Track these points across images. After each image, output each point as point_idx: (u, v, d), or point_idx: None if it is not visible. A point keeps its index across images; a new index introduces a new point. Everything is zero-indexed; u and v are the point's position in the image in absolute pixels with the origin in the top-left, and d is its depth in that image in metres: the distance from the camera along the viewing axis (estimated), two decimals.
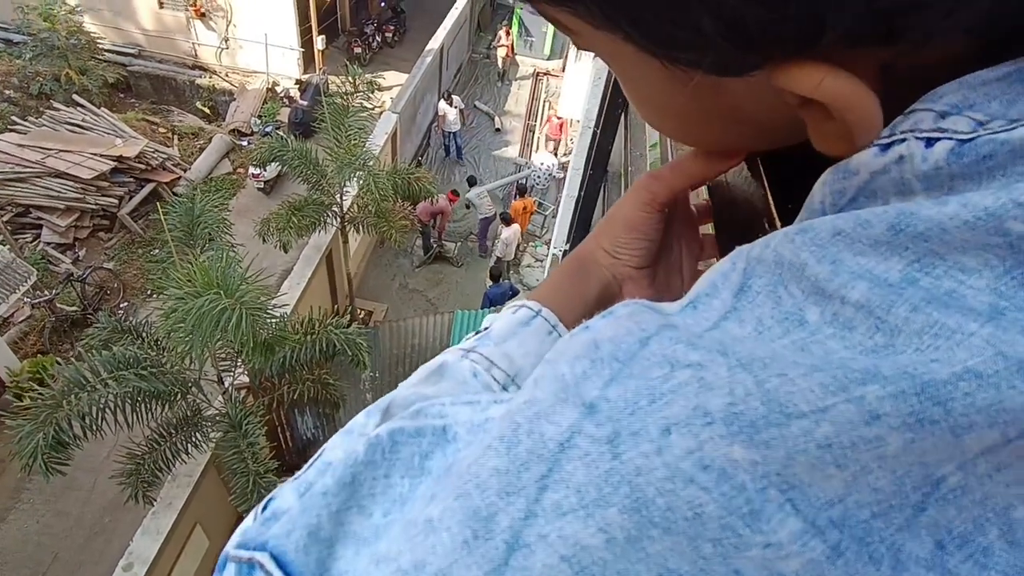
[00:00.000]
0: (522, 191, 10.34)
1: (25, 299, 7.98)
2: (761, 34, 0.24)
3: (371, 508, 0.30)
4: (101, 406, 4.69)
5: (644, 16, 0.26)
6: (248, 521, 0.33)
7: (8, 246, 8.15)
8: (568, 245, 4.54)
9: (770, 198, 0.38)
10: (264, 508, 0.33)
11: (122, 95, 12.36)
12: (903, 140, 0.24)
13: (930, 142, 0.23)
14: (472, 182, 10.18)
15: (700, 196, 0.53)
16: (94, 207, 9.54)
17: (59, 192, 9.34)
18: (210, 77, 12.60)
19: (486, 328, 0.45)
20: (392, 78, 12.68)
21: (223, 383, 5.68)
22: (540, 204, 10.73)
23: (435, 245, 10.11)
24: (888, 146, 0.24)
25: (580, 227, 4.45)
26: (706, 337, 0.23)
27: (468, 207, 10.24)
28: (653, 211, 0.46)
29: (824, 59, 0.24)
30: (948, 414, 0.19)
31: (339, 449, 0.33)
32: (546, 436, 0.23)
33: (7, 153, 9.40)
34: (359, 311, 9.17)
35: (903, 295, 0.21)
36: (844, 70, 0.24)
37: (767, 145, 0.35)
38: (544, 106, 13.49)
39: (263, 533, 0.30)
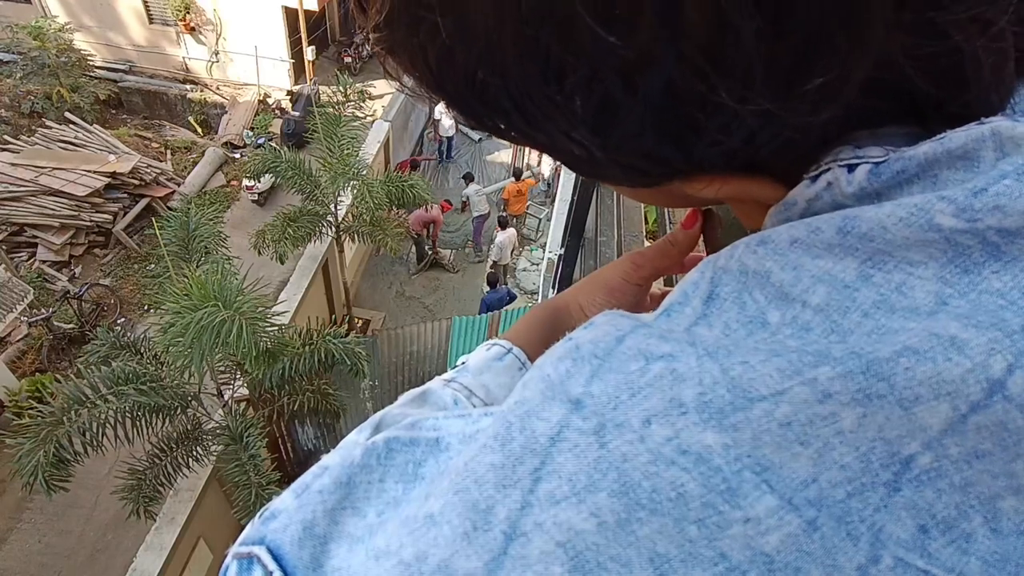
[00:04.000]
0: (517, 174, 10.23)
1: (22, 318, 7.95)
2: (663, 175, 0.31)
3: (365, 510, 0.32)
4: (101, 422, 4.68)
5: (567, 161, 0.32)
6: (250, 525, 0.34)
7: (3, 265, 8.13)
8: (563, 249, 4.57)
9: None
10: (265, 511, 0.34)
11: (114, 111, 12.35)
12: (828, 169, 0.27)
13: (851, 168, 0.26)
14: (469, 178, 10.16)
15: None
16: (89, 224, 9.53)
17: (54, 210, 9.32)
18: (201, 91, 12.61)
19: (463, 363, 0.49)
20: (383, 87, 12.70)
21: (223, 396, 5.67)
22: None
23: (430, 252, 10.11)
24: (816, 177, 0.27)
25: (574, 230, 4.49)
26: (677, 333, 0.26)
27: (464, 203, 10.22)
28: (632, 282, 0.52)
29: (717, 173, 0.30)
30: (892, 388, 0.21)
31: (336, 455, 0.35)
32: (537, 432, 0.24)
33: (1, 172, 9.39)
34: (357, 320, 9.17)
35: (857, 299, 0.23)
36: (736, 175, 0.30)
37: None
38: None
39: (261, 530, 0.32)
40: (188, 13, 11.81)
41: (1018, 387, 0.20)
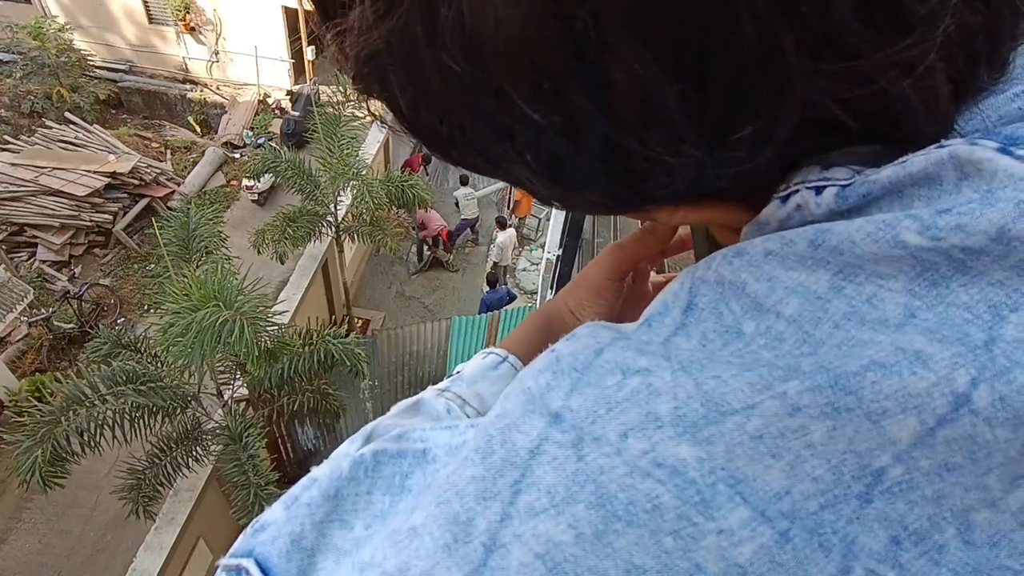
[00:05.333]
0: None
1: (22, 318, 7.96)
2: (625, 209, 0.32)
3: (352, 522, 0.32)
4: (100, 422, 4.69)
5: (537, 197, 0.33)
6: (240, 536, 0.35)
7: (3, 265, 8.14)
8: (561, 250, 4.58)
9: None
10: (255, 523, 0.35)
11: (114, 111, 12.36)
12: (797, 191, 0.27)
13: (819, 190, 0.27)
14: (464, 181, 10.21)
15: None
16: (89, 224, 9.53)
17: (54, 210, 9.33)
18: (201, 91, 12.61)
19: (458, 372, 0.49)
20: None
21: (222, 396, 5.68)
22: None
23: (428, 253, 10.12)
24: (786, 197, 0.28)
25: (572, 231, 4.49)
26: (655, 345, 0.26)
27: (457, 205, 10.30)
28: (616, 278, 0.52)
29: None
30: (860, 402, 0.21)
31: (325, 467, 0.36)
32: (517, 445, 0.25)
33: (1, 172, 9.39)
34: (357, 320, 9.17)
35: (829, 310, 0.24)
36: (697, 204, 0.31)
37: None
38: None
39: (250, 543, 0.33)
40: (188, 13, 11.81)
41: (984, 401, 0.20)
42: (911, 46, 0.23)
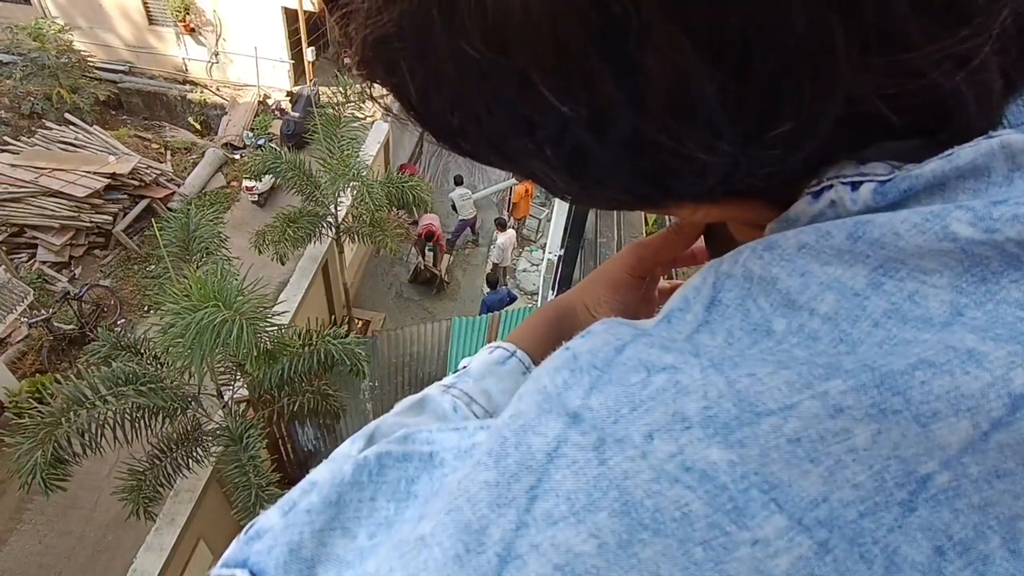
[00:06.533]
0: None
1: (22, 319, 7.94)
2: (646, 206, 0.31)
3: (355, 530, 0.30)
4: (100, 423, 4.68)
5: (553, 192, 0.31)
6: (234, 543, 0.33)
7: (3, 266, 8.13)
8: (563, 250, 4.56)
9: None
10: (250, 528, 0.33)
11: (114, 112, 12.34)
12: (831, 186, 0.26)
13: (855, 186, 0.25)
14: (458, 181, 10.19)
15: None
16: (89, 225, 9.52)
17: (53, 211, 9.31)
18: (201, 92, 12.60)
19: (464, 367, 0.47)
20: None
21: (222, 397, 5.66)
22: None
23: (430, 253, 10.12)
24: (819, 193, 0.26)
25: (574, 231, 4.48)
26: (679, 342, 0.25)
27: (453, 207, 10.29)
28: (636, 275, 0.51)
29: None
30: (909, 403, 0.20)
31: (324, 470, 0.34)
32: (533, 447, 0.23)
33: (0, 173, 9.38)
34: (357, 320, 9.16)
35: (867, 307, 0.22)
36: (722, 201, 0.30)
37: None
38: None
39: (245, 551, 0.31)
40: (188, 14, 11.80)
41: None
42: (968, 37, 0.22)
